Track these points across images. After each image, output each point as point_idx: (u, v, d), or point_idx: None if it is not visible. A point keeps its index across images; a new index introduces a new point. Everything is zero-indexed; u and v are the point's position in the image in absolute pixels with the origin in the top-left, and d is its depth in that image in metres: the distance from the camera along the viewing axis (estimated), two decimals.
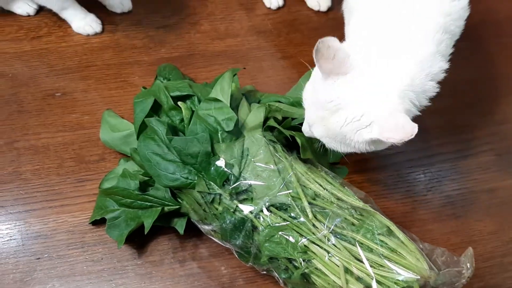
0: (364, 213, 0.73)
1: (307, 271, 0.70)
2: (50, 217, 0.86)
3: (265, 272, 0.77)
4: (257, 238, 0.73)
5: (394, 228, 0.71)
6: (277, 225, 0.72)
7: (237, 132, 0.78)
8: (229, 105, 0.78)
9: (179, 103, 0.81)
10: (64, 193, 0.89)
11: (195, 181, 0.76)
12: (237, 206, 0.74)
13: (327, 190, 0.75)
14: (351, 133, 0.67)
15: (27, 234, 0.85)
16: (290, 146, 0.82)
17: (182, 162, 0.76)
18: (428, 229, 0.89)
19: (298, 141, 0.80)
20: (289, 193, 0.73)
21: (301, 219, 0.72)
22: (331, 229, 0.70)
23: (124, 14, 1.11)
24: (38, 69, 1.03)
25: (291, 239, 0.71)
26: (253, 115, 0.80)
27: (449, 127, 1.01)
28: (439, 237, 0.88)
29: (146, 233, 0.78)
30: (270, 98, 0.90)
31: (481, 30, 1.16)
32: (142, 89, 0.94)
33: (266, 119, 0.81)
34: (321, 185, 0.76)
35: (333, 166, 0.91)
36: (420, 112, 0.72)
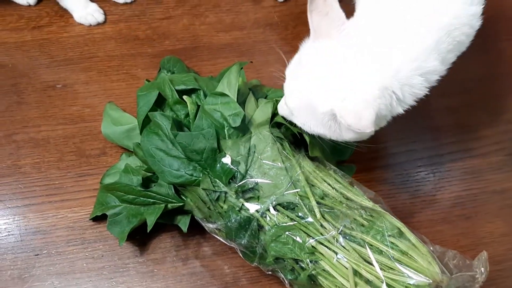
0: (374, 214, 0.70)
1: (314, 272, 0.68)
2: (50, 212, 0.84)
3: (270, 273, 0.75)
4: (263, 237, 0.71)
5: (405, 229, 0.69)
6: (284, 224, 0.70)
7: (244, 128, 0.76)
8: (236, 100, 0.76)
9: (185, 97, 0.79)
10: (64, 188, 0.86)
11: (200, 178, 0.73)
12: (243, 204, 0.72)
13: (335, 189, 0.73)
14: (320, 102, 0.64)
15: (25, 230, 0.83)
16: (298, 144, 0.80)
17: (187, 158, 0.74)
18: (437, 230, 0.87)
19: (306, 138, 0.78)
20: (297, 192, 0.71)
21: (309, 219, 0.69)
22: (340, 229, 0.68)
23: (127, 4, 1.08)
24: (38, 59, 1.00)
25: (298, 239, 0.69)
26: (261, 111, 0.78)
27: (459, 126, 0.99)
28: (449, 238, 0.86)
29: (149, 231, 0.76)
30: (277, 93, 0.88)
31: (492, 27, 1.13)
32: (145, 81, 0.91)
33: (274, 115, 0.79)
34: (329, 184, 0.73)
35: (340, 164, 0.89)
36: (404, 111, 0.69)
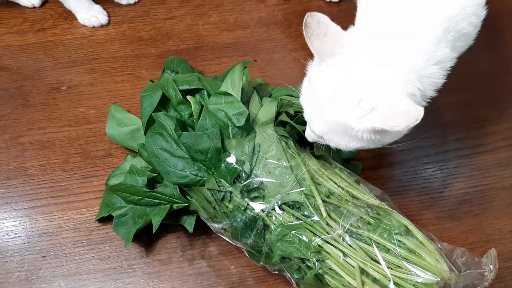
0: (381, 212, 0.70)
1: (320, 271, 0.68)
2: (56, 214, 0.84)
3: (276, 272, 0.75)
4: (269, 237, 0.71)
5: (412, 227, 0.68)
6: (289, 224, 0.69)
7: (248, 127, 0.75)
8: (240, 99, 0.75)
9: (188, 97, 0.78)
10: (70, 190, 0.87)
11: (204, 178, 0.73)
12: (248, 204, 0.71)
13: (341, 187, 0.72)
14: (351, 121, 0.62)
15: (32, 232, 0.83)
16: (303, 142, 0.79)
17: (191, 158, 0.74)
18: (445, 227, 0.86)
19: None
20: (302, 190, 0.70)
21: (315, 217, 0.69)
22: (346, 228, 0.68)
23: (131, 5, 1.08)
24: (43, 62, 1.00)
25: (304, 238, 0.68)
26: (265, 110, 0.77)
27: (467, 122, 0.98)
28: (457, 235, 0.85)
29: (154, 232, 0.76)
30: (281, 91, 0.87)
31: (500, 21, 1.12)
32: (149, 82, 0.91)
33: (278, 113, 0.79)
34: (335, 182, 0.73)
35: (346, 162, 0.88)
36: (426, 103, 0.68)
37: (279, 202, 0.70)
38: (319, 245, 0.68)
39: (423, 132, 0.95)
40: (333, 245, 0.67)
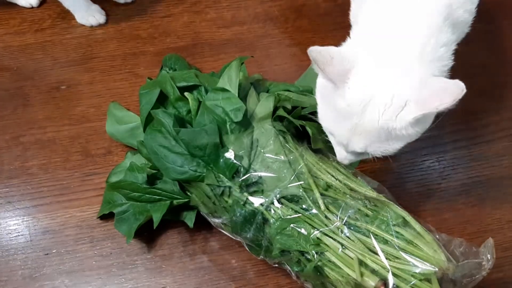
0: (378, 204, 0.70)
1: (320, 264, 0.68)
2: (58, 212, 0.85)
3: (276, 265, 0.76)
4: (268, 230, 0.71)
5: (409, 218, 0.68)
6: (288, 217, 0.70)
7: (246, 122, 0.76)
8: (237, 95, 0.76)
9: (186, 94, 0.79)
10: (72, 188, 0.87)
11: (204, 174, 0.74)
12: (247, 198, 0.72)
13: (339, 180, 0.73)
14: (392, 122, 0.62)
15: (35, 230, 0.84)
16: (301, 136, 0.80)
17: (190, 154, 0.74)
18: (443, 218, 0.86)
19: (309, 131, 0.78)
20: (300, 184, 0.71)
21: (313, 210, 0.70)
22: (344, 220, 0.68)
23: (128, 4, 1.09)
24: (42, 62, 1.01)
25: (303, 231, 0.69)
26: (262, 105, 0.78)
27: (464, 113, 0.98)
28: (455, 226, 0.86)
29: (155, 227, 0.77)
30: (279, 87, 0.88)
31: (496, 12, 1.12)
32: (147, 80, 0.92)
33: (276, 108, 0.79)
34: (333, 175, 0.74)
35: None
36: None
37: (278, 196, 0.71)
38: (318, 237, 0.68)
39: None
40: (331, 238, 0.68)
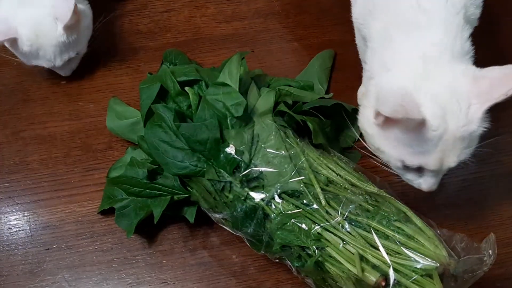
0: (380, 199, 0.70)
1: (320, 259, 0.68)
2: (58, 207, 0.85)
3: (277, 260, 0.76)
4: (269, 226, 0.71)
5: (410, 214, 0.68)
6: (289, 212, 0.70)
7: (247, 117, 0.76)
8: (238, 89, 0.76)
9: (186, 89, 0.79)
10: (72, 183, 0.87)
11: (204, 169, 0.74)
12: (248, 193, 0.72)
13: (340, 175, 0.73)
14: (469, 125, 0.63)
15: (35, 225, 0.84)
16: (301, 131, 0.80)
17: (190, 149, 0.74)
18: (445, 214, 0.86)
19: (310, 126, 0.78)
20: (301, 179, 0.71)
21: (314, 206, 0.69)
22: (345, 215, 0.68)
23: (128, 0, 1.08)
24: None
25: (304, 226, 0.69)
26: (263, 100, 0.78)
27: None
28: (457, 222, 0.85)
29: (156, 223, 0.77)
30: (279, 82, 0.88)
31: (497, 8, 1.12)
32: (148, 75, 0.92)
33: (276, 103, 0.79)
34: (334, 170, 0.73)
35: (345, 151, 0.89)
36: None
37: (279, 191, 0.71)
38: (318, 233, 0.68)
39: None
40: (332, 233, 0.68)
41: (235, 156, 0.73)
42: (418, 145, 0.64)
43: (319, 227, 0.68)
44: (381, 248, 0.65)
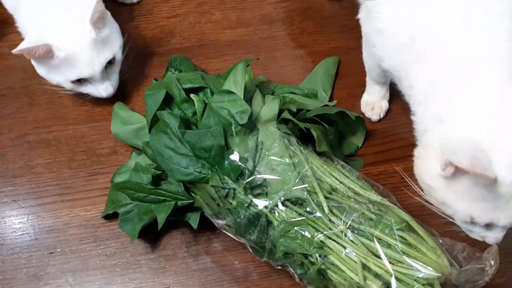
0: (382, 208, 0.71)
1: (323, 267, 0.69)
2: (63, 211, 0.86)
3: (280, 267, 0.76)
4: (272, 233, 0.72)
5: (413, 223, 0.69)
6: (292, 220, 0.70)
7: (251, 125, 0.76)
8: (242, 97, 0.76)
9: (192, 96, 0.79)
10: (76, 187, 0.88)
11: (208, 176, 0.74)
12: (251, 200, 0.73)
13: (343, 184, 0.73)
14: None
15: (39, 229, 0.84)
16: (305, 139, 0.80)
17: (195, 156, 0.75)
18: (447, 222, 0.86)
19: (314, 133, 0.78)
20: (305, 187, 0.72)
21: (317, 214, 0.70)
22: (348, 224, 0.69)
23: (134, 5, 1.09)
24: None
25: (307, 234, 0.69)
26: (267, 108, 0.78)
27: None
28: (459, 231, 0.85)
29: (159, 228, 0.77)
30: (284, 89, 0.88)
31: None
32: (153, 80, 0.92)
33: (281, 111, 0.80)
34: (337, 178, 0.74)
35: (348, 158, 0.90)
36: None
37: (282, 198, 0.71)
38: (321, 240, 0.69)
39: None
40: (335, 241, 0.68)
41: (239, 163, 0.73)
42: (490, 200, 0.61)
43: (322, 235, 0.69)
44: (383, 256, 0.65)
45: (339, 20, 1.09)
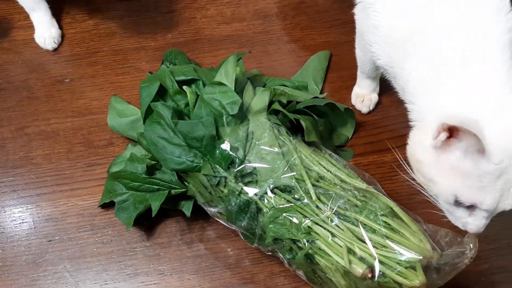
0: (368, 195, 0.73)
1: (310, 251, 0.71)
2: (61, 200, 0.88)
3: (270, 253, 0.78)
4: (261, 219, 0.74)
5: (397, 209, 0.71)
6: (281, 206, 0.73)
7: (242, 115, 0.79)
8: (233, 89, 0.79)
9: (184, 87, 0.82)
10: (74, 177, 0.91)
11: (200, 165, 0.77)
12: (242, 188, 0.75)
13: (331, 172, 0.76)
14: None
15: (38, 217, 0.87)
16: (295, 129, 0.83)
17: (187, 145, 0.77)
18: (433, 211, 0.88)
19: (303, 124, 0.80)
20: (293, 175, 0.74)
21: (305, 200, 0.72)
22: (334, 210, 0.71)
23: (131, 0, 1.11)
24: (46, 55, 1.04)
25: (295, 220, 0.72)
26: (258, 99, 0.81)
27: None
28: (444, 218, 0.87)
29: (153, 216, 0.80)
30: (275, 81, 0.91)
31: None
32: (148, 74, 0.95)
33: (271, 102, 0.82)
34: (325, 167, 0.76)
35: (339, 149, 0.92)
36: None
37: (271, 186, 0.74)
38: (309, 226, 0.71)
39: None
40: (322, 226, 0.71)
41: (230, 153, 0.76)
42: (476, 177, 0.60)
43: (309, 221, 0.71)
44: (367, 241, 0.68)
45: (331, 15, 1.11)
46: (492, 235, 0.86)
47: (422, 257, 0.66)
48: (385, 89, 0.97)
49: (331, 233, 0.70)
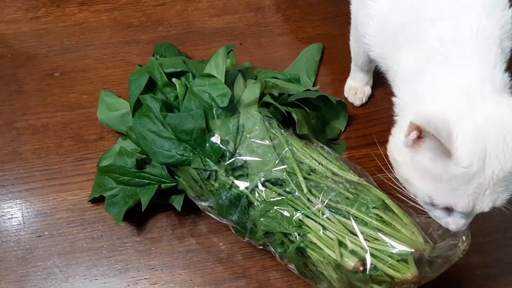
0: (359, 187, 0.72)
1: (302, 245, 0.70)
2: (50, 195, 0.87)
3: (261, 247, 0.78)
4: (252, 213, 0.73)
5: (389, 201, 0.70)
6: (272, 200, 0.72)
7: (233, 108, 0.78)
8: (224, 81, 0.78)
9: (174, 80, 0.81)
10: (64, 172, 0.90)
11: (190, 158, 0.76)
12: (232, 182, 0.74)
13: (322, 164, 0.75)
14: None
15: (27, 213, 0.86)
16: (286, 122, 0.82)
17: (177, 139, 0.76)
18: None
19: (294, 116, 0.80)
20: (284, 168, 0.73)
21: (296, 193, 0.71)
22: (325, 203, 0.70)
23: None
24: (36, 49, 1.03)
25: (286, 213, 0.71)
26: (249, 91, 0.80)
27: None
28: None
29: (143, 210, 0.79)
30: (266, 74, 0.90)
31: None
32: (138, 67, 0.94)
33: (262, 95, 0.81)
34: (316, 160, 0.75)
35: (331, 142, 0.91)
36: None
37: (262, 179, 0.73)
38: (300, 219, 0.70)
39: None
40: (313, 220, 0.70)
41: (221, 146, 0.75)
42: (447, 180, 0.58)
43: (300, 214, 0.70)
44: (359, 234, 0.67)
45: (324, 7, 1.10)
46: (487, 228, 0.85)
47: (414, 250, 0.65)
48: (378, 82, 0.96)
49: (322, 226, 0.69)
